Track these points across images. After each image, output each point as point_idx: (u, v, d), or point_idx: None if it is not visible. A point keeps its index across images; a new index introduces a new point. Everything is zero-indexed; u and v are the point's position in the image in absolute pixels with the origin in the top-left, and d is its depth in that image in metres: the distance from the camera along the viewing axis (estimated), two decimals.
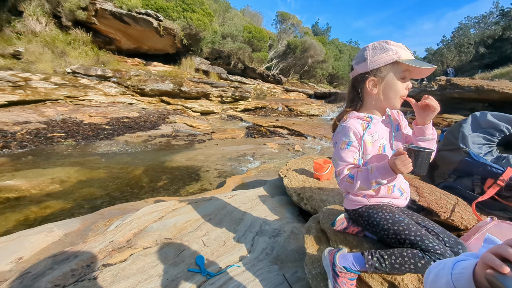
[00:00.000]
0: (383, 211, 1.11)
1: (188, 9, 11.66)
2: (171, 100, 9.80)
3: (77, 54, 9.46)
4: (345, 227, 1.27)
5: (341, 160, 1.08)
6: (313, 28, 31.15)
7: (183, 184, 3.78)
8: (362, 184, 1.00)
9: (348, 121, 1.09)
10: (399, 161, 0.91)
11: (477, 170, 1.44)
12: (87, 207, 2.74)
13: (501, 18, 23.04)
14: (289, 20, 20.55)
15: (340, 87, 25.50)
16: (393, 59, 1.00)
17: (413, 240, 0.97)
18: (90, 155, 4.66)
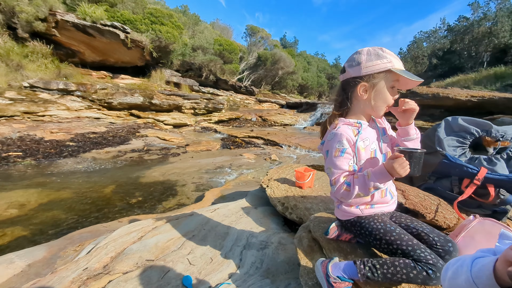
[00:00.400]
0: (375, 221, 1.11)
1: (156, 21, 11.50)
2: (141, 113, 9.44)
3: (35, 67, 8.83)
4: (338, 234, 1.26)
5: (336, 168, 1.05)
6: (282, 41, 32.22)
7: (159, 200, 3.59)
8: (360, 191, 0.98)
9: (339, 128, 1.08)
10: (397, 164, 0.91)
11: (454, 171, 1.53)
12: (52, 232, 2.48)
13: (448, 32, 25.59)
14: (259, 33, 21.07)
15: (310, 97, 26.42)
16: (387, 67, 1.01)
17: (405, 250, 0.98)
18: (52, 174, 4.28)
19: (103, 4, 10.51)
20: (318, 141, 4.21)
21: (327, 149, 1.10)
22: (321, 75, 29.03)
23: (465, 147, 1.66)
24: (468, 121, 1.69)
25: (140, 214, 2.94)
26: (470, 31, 21.52)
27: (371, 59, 1.03)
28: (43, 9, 8.77)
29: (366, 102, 1.09)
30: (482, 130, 1.64)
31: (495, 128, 1.62)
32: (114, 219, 2.76)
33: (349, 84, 1.11)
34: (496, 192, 1.44)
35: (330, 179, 1.08)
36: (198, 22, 16.70)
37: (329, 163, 1.08)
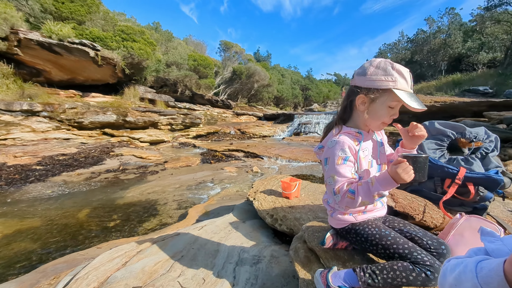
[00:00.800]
0: (369, 227, 1.12)
1: (128, 38, 11.31)
2: (115, 131, 9.06)
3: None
4: (334, 243, 1.25)
5: (340, 176, 1.01)
6: (255, 56, 32.95)
7: (139, 222, 3.39)
8: (364, 199, 0.94)
9: (340, 136, 1.07)
10: (401, 169, 0.88)
11: (436, 173, 1.60)
12: (20, 266, 2.23)
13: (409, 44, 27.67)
14: (233, 48, 21.41)
15: (286, 108, 26.98)
16: (389, 86, 0.98)
17: (402, 254, 0.99)
18: (18, 202, 3.92)
19: (70, 22, 10.19)
20: (297, 151, 4.32)
21: (327, 156, 1.07)
22: (295, 86, 29.88)
23: (443, 149, 1.75)
24: (443, 124, 1.79)
25: (121, 238, 2.75)
26: (428, 42, 23.42)
27: (377, 73, 1.00)
28: (3, 27, 8.31)
29: (361, 114, 1.09)
30: (457, 132, 1.75)
31: (468, 130, 1.73)
32: (92, 245, 2.56)
33: (353, 91, 1.09)
34: (475, 190, 1.52)
35: (333, 187, 1.02)
36: (171, 39, 16.66)
37: (331, 171, 1.03)
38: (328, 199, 1.26)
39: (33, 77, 9.59)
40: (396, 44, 29.78)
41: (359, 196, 0.95)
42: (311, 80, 35.33)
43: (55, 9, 10.04)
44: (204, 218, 3.14)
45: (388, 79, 0.98)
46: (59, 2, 10.10)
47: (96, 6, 11.24)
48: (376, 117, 1.06)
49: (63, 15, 10.24)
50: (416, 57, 24.82)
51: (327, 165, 1.06)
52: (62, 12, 10.19)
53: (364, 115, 1.08)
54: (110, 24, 11.80)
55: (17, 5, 9.60)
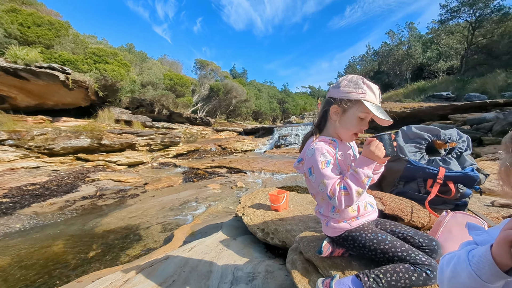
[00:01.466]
0: (366, 233, 1.14)
1: (100, 60, 11.07)
2: (89, 156, 8.64)
3: None
4: (331, 251, 1.25)
5: (328, 178, 1.03)
6: (231, 72, 33.43)
7: (122, 249, 3.20)
8: (357, 187, 0.98)
9: (317, 144, 1.11)
10: (373, 147, 0.97)
11: (418, 174, 1.67)
12: None
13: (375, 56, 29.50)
14: (208, 66, 21.61)
15: (265, 122, 27.31)
16: (359, 98, 1.07)
17: (400, 256, 1.02)
18: None
19: (37, 46, 9.83)
20: (280, 164, 4.37)
21: (309, 165, 1.09)
22: (272, 100, 30.47)
23: (422, 151, 1.84)
24: (420, 128, 1.90)
25: (102, 269, 2.56)
26: (392, 54, 25.08)
27: (349, 86, 1.09)
28: None
29: (334, 124, 1.15)
30: (432, 135, 1.86)
31: (442, 132, 1.84)
32: (70, 280, 2.35)
33: (328, 102, 1.17)
34: (455, 188, 1.60)
35: (326, 192, 1.03)
36: (145, 59, 16.53)
37: (319, 177, 1.05)
38: (320, 209, 1.26)
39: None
40: (364, 57, 31.63)
41: (351, 188, 0.98)
42: (287, 94, 36.27)
43: (20, 34, 9.67)
44: (192, 239, 3.02)
45: (359, 91, 1.07)
46: (24, 27, 9.75)
47: (65, 29, 10.97)
48: (347, 127, 1.12)
49: (29, 40, 9.87)
50: (383, 68, 26.45)
51: (313, 174, 1.07)
52: (28, 37, 9.83)
53: (336, 124, 1.14)
54: (81, 47, 11.51)
55: None
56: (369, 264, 1.16)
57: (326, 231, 1.26)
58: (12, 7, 9.83)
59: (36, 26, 10.06)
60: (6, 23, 9.42)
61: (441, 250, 1.10)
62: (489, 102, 10.23)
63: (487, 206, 2.07)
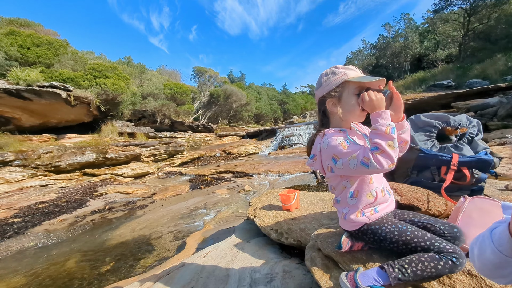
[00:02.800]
0: (385, 225, 1.12)
1: (100, 75, 11.18)
2: (96, 170, 8.70)
3: None
4: (350, 246, 1.23)
5: (355, 151, 0.99)
6: (229, 77, 33.57)
7: (135, 260, 3.20)
8: (386, 140, 0.93)
9: (328, 134, 1.11)
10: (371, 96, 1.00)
11: (431, 162, 1.65)
12: None
13: (373, 50, 29.48)
14: (206, 73, 21.73)
15: (267, 124, 27.31)
16: (342, 79, 1.11)
17: (424, 246, 1.00)
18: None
19: (38, 66, 9.97)
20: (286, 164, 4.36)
21: (330, 155, 1.06)
22: (273, 102, 30.50)
23: (433, 139, 1.82)
24: (429, 116, 1.88)
25: (118, 281, 2.56)
26: (389, 46, 25.03)
27: (329, 77, 1.15)
28: None
29: (336, 116, 1.16)
30: (442, 121, 1.84)
31: (452, 118, 1.82)
32: None
33: (321, 102, 1.20)
34: (470, 173, 1.57)
35: (360, 161, 0.96)
36: (144, 71, 16.66)
37: (346, 155, 1.01)
38: (337, 198, 1.23)
39: (2, 126, 9.15)
40: (361, 51, 31.61)
41: (381, 144, 0.93)
42: (287, 94, 36.27)
43: (20, 55, 9.82)
44: (204, 246, 3.01)
45: (339, 75, 1.12)
46: (24, 48, 9.90)
47: (64, 47, 11.12)
48: (350, 110, 1.13)
49: (29, 60, 10.02)
50: (381, 61, 26.39)
51: (339, 159, 1.03)
52: (28, 58, 9.97)
53: (339, 112, 1.15)
54: (80, 64, 11.65)
55: None
56: (391, 256, 1.14)
57: (343, 225, 1.24)
58: (11, 30, 9.99)
59: (35, 46, 10.21)
60: (6, 45, 9.57)
61: (464, 237, 1.08)
62: (491, 87, 10.12)
63: (501, 190, 2.04)
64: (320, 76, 1.20)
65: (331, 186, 1.25)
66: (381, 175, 1.21)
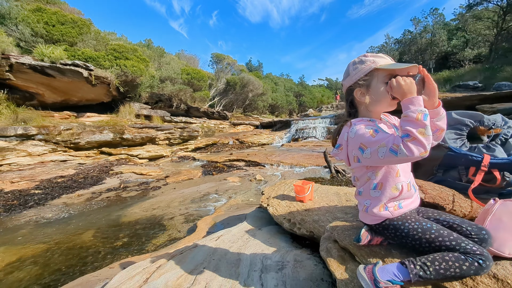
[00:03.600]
0: (409, 221, 1.08)
1: (120, 57, 11.33)
2: (112, 150, 8.94)
3: None
4: (369, 239, 1.20)
5: (384, 139, 0.94)
6: (247, 66, 33.31)
7: (147, 238, 3.29)
8: (417, 127, 0.87)
9: (356, 123, 1.07)
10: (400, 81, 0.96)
11: (460, 161, 1.57)
12: None
13: (396, 45, 28.38)
14: (225, 60, 21.62)
15: (282, 116, 27.10)
16: (371, 67, 1.06)
17: (449, 246, 0.96)
18: (19, 228, 3.78)
19: (61, 44, 10.19)
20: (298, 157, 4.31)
21: (358, 144, 1.02)
22: (289, 94, 30.12)
23: (463, 138, 1.73)
24: (461, 114, 1.78)
25: (130, 256, 2.64)
26: (415, 42, 23.99)
27: (357, 66, 1.10)
28: None
29: (365, 106, 1.13)
30: (475, 120, 1.74)
31: (486, 117, 1.72)
32: (101, 266, 2.45)
33: (348, 93, 1.17)
34: (501, 176, 1.49)
35: (389, 148, 0.91)
36: (163, 54, 16.76)
37: (375, 144, 0.96)
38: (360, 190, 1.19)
39: (26, 101, 9.49)
40: (383, 47, 30.48)
41: (411, 131, 0.87)
42: (304, 87, 35.69)
43: (46, 33, 10.05)
44: (214, 230, 3.06)
45: (368, 63, 1.07)
46: (49, 25, 10.12)
47: (87, 27, 11.29)
48: (379, 99, 1.09)
49: (54, 38, 10.25)
50: (405, 57, 25.41)
51: (367, 148, 0.99)
52: (53, 35, 10.20)
53: (367, 102, 1.11)
54: (102, 44, 11.82)
55: (7, 31, 9.58)
56: (411, 253, 1.10)
57: (364, 218, 1.20)
58: (37, 6, 10.21)
59: (60, 24, 10.41)
60: (33, 22, 9.81)
61: (491, 239, 1.03)
62: None
63: None
64: (348, 66, 1.16)
65: (354, 177, 1.21)
66: (409, 169, 1.16)
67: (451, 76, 18.59)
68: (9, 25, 9.85)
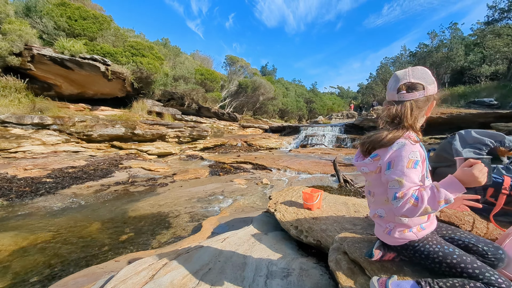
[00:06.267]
0: (430, 243, 1.06)
1: (137, 53, 11.56)
2: (123, 144, 9.10)
3: (7, 102, 8.40)
4: (382, 255, 1.18)
5: (409, 181, 0.92)
6: (262, 70, 33.44)
7: (152, 234, 3.32)
8: (429, 204, 0.87)
9: (410, 138, 1.00)
10: (477, 170, 0.85)
11: None
12: (36, 280, 2.16)
13: (411, 57, 28.00)
14: (238, 62, 21.79)
15: (291, 121, 27.02)
16: (435, 91, 1.08)
17: (471, 274, 0.92)
18: (29, 215, 3.88)
19: (82, 38, 10.48)
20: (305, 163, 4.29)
21: (391, 159, 0.98)
22: (299, 99, 30.06)
23: None
24: (481, 133, 1.75)
25: (135, 251, 2.68)
26: (430, 56, 23.63)
27: (433, 83, 1.08)
28: (18, 44, 8.56)
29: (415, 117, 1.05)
30: (496, 140, 1.70)
31: (508, 139, 1.68)
32: (107, 259, 2.48)
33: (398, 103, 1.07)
34: None
35: (395, 192, 0.93)
36: (179, 54, 17.02)
37: (398, 174, 0.94)
38: (379, 212, 1.14)
39: (44, 91, 9.78)
40: (398, 58, 30.10)
41: (423, 202, 0.87)
42: (315, 93, 35.57)
43: (68, 26, 10.36)
44: (219, 231, 3.07)
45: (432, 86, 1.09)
46: (72, 20, 10.43)
47: (108, 23, 11.58)
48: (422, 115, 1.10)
49: (75, 32, 10.55)
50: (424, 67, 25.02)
51: (391, 169, 0.97)
52: (74, 29, 10.50)
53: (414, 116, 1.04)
54: (120, 40, 12.10)
55: (32, 23, 9.92)
56: (424, 272, 1.09)
57: (383, 238, 1.16)
58: (62, 1, 10.54)
59: (82, 19, 10.72)
60: (56, 16, 10.13)
61: (508, 259, 1.00)
62: None
63: None
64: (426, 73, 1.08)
65: (370, 192, 1.16)
66: None
67: (466, 91, 18.18)
68: (34, 17, 10.20)
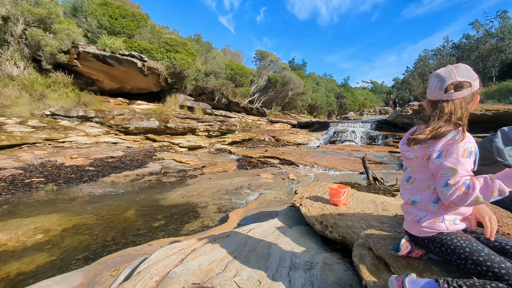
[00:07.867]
0: (458, 238, 1.02)
1: (171, 50, 12.01)
2: (157, 137, 9.59)
3: (57, 96, 9.24)
4: (409, 251, 1.15)
5: (463, 169, 0.94)
6: (290, 64, 33.01)
7: (182, 223, 3.49)
8: (481, 194, 0.88)
9: (467, 133, 1.01)
10: None
11: None
12: (80, 257, 2.40)
13: (454, 50, 25.78)
14: (268, 57, 21.70)
15: (320, 116, 26.45)
16: (478, 87, 1.07)
17: (497, 273, 0.88)
18: (74, 199, 4.28)
19: (121, 35, 11.12)
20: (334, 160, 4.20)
21: (444, 148, 0.99)
22: (330, 95, 29.27)
23: None
24: None
25: (166, 237, 2.85)
26: (476, 48, 21.58)
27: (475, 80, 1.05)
28: (66, 42, 9.33)
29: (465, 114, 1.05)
30: None
31: None
32: (140, 243, 2.68)
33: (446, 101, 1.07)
34: None
35: (447, 180, 0.94)
36: (210, 49, 17.38)
37: (455, 162, 0.95)
38: (415, 198, 1.12)
39: (88, 86, 10.58)
40: (440, 50, 27.87)
41: (474, 190, 0.88)
42: (346, 88, 34.34)
43: (109, 25, 11.05)
44: (245, 223, 3.14)
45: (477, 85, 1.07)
46: (113, 19, 11.10)
47: (145, 20, 12.15)
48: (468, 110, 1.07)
49: (115, 30, 11.22)
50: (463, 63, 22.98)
51: (443, 157, 0.98)
52: (115, 27, 11.17)
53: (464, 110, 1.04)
54: (156, 37, 12.65)
55: (78, 22, 10.75)
56: (454, 272, 1.04)
57: (411, 229, 1.15)
58: (104, 1, 11.26)
59: (122, 18, 11.37)
60: (100, 15, 10.86)
61: None
62: None
63: None
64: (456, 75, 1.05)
65: (409, 177, 1.15)
66: None
67: None
68: (79, 17, 11.03)
